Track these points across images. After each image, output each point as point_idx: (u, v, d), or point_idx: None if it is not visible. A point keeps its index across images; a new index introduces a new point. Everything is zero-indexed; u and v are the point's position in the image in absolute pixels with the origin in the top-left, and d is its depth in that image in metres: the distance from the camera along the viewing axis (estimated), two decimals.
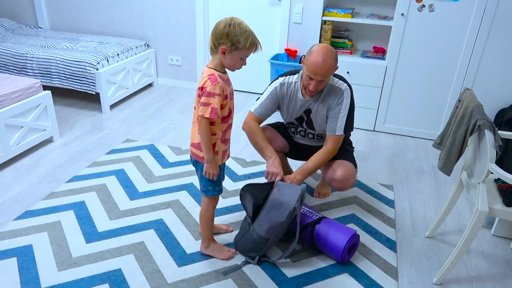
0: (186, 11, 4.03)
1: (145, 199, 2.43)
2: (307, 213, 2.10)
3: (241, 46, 1.62)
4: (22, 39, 3.95)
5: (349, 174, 2.20)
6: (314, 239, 2.02)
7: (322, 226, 2.00)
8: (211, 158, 1.74)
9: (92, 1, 4.28)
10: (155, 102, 3.96)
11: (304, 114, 2.21)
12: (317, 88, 2.02)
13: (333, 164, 2.25)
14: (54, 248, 2.01)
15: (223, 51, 1.63)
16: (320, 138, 2.29)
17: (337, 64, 2.01)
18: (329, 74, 1.97)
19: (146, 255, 2.00)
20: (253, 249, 1.94)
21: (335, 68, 2.01)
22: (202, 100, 1.64)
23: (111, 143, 3.09)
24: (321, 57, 1.93)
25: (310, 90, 2.02)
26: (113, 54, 3.67)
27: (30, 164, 2.77)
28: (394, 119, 3.47)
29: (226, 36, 1.60)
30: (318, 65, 1.93)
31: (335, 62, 1.98)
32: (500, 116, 3.06)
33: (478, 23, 2.96)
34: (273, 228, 1.86)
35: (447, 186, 2.77)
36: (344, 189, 2.24)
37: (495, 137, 1.64)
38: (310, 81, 2.00)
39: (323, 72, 1.94)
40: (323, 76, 1.95)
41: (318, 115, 2.17)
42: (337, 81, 2.14)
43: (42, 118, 2.95)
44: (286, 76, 2.20)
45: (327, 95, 2.13)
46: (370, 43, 3.64)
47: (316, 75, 1.95)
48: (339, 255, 1.93)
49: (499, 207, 1.75)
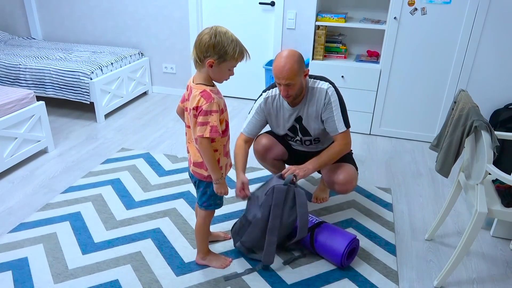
0: (179, 19, 4.03)
1: (142, 208, 2.41)
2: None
3: (229, 57, 1.53)
4: (15, 50, 3.94)
5: (352, 177, 2.19)
6: (314, 244, 2.00)
7: (321, 231, 1.99)
8: (220, 178, 1.69)
9: (85, 11, 4.27)
10: (150, 110, 3.95)
11: (296, 123, 2.19)
12: (287, 92, 2.00)
13: (334, 167, 2.24)
14: (50, 260, 1.98)
15: (210, 64, 1.54)
16: (318, 142, 2.28)
17: (303, 67, 1.99)
18: (295, 76, 1.94)
19: (143, 265, 1.97)
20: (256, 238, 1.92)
21: (303, 70, 1.99)
22: (199, 120, 1.55)
23: (107, 153, 3.07)
24: (282, 61, 1.93)
25: (283, 96, 2.03)
26: (107, 63, 3.66)
27: (24, 175, 2.74)
28: (390, 122, 3.47)
29: (212, 48, 1.51)
30: (280, 68, 1.93)
31: (299, 64, 1.95)
32: (495, 117, 3.08)
33: (470, 24, 2.98)
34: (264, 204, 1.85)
35: (444, 188, 2.77)
36: (347, 192, 2.22)
37: (492, 138, 1.64)
38: (280, 86, 2.00)
39: (285, 75, 1.92)
40: (287, 79, 1.93)
41: (310, 119, 2.15)
42: (318, 82, 2.11)
43: (36, 129, 2.92)
44: (269, 90, 2.19)
45: (312, 97, 2.11)
46: (363, 47, 3.66)
47: (280, 79, 1.95)
48: (339, 260, 1.92)
49: (497, 208, 1.75)
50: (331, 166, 2.26)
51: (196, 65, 1.59)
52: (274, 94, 2.18)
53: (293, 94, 2.03)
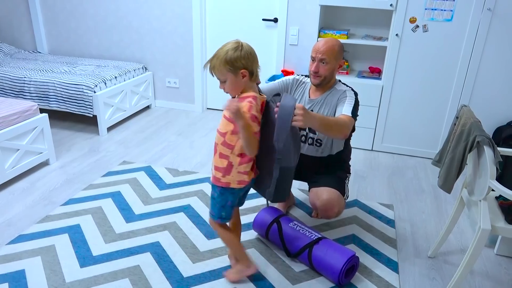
0: (183, 34, 4.08)
1: (142, 222, 2.39)
2: (306, 232, 2.06)
3: None
4: (21, 63, 3.98)
5: (333, 202, 2.08)
6: (312, 260, 1.97)
7: (320, 247, 1.96)
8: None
9: (91, 26, 4.33)
10: (152, 124, 3.96)
11: None
12: (319, 69, 2.05)
13: (318, 189, 2.15)
14: (47, 273, 1.95)
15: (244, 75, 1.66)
16: (319, 145, 2.22)
17: (342, 56, 2.09)
18: (332, 56, 2.02)
19: (141, 279, 1.94)
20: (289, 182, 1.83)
21: (340, 58, 2.08)
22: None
23: (108, 165, 3.07)
24: (325, 39, 2.06)
25: (312, 71, 2.07)
26: (111, 77, 3.69)
27: (25, 187, 2.73)
28: (392, 138, 3.46)
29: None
30: (321, 42, 2.04)
31: (339, 49, 2.06)
32: (498, 134, 3.06)
33: (472, 42, 3.00)
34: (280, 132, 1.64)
35: (447, 204, 2.74)
36: (329, 217, 2.15)
37: (495, 153, 1.62)
38: (313, 63, 2.07)
39: (324, 49, 2.01)
40: (324, 53, 2.01)
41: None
42: (344, 86, 2.17)
43: (38, 141, 2.93)
44: (302, 76, 2.30)
45: (330, 97, 2.14)
46: (365, 63, 3.68)
47: (317, 52, 2.03)
48: (336, 277, 1.88)
49: (501, 225, 1.72)
50: (315, 188, 2.15)
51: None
52: (303, 81, 2.26)
53: (323, 74, 2.07)
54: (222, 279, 1.96)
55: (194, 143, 3.54)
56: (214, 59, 1.64)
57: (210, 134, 3.73)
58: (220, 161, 1.72)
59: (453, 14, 2.97)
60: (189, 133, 3.76)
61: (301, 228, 2.09)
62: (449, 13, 2.97)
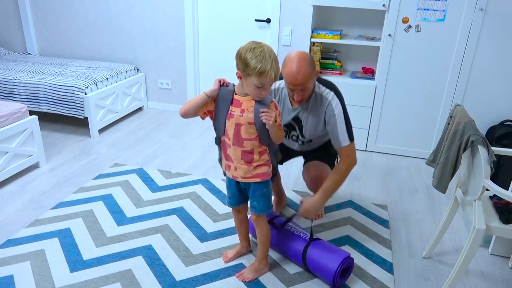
0: (176, 35, 4.04)
1: (133, 225, 2.35)
2: (300, 233, 2.04)
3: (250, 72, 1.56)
4: (10, 65, 3.92)
5: (323, 175, 2.15)
6: (306, 262, 1.95)
7: (315, 248, 1.94)
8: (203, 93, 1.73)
9: (82, 27, 4.29)
10: (144, 126, 3.92)
11: (293, 122, 2.13)
12: (302, 96, 1.94)
13: (310, 163, 2.25)
14: (36, 278, 1.91)
15: (238, 76, 1.64)
16: (309, 142, 2.20)
17: (316, 69, 1.92)
18: (309, 81, 1.88)
19: (133, 283, 1.91)
20: None
21: (316, 73, 1.93)
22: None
23: (99, 168, 3.03)
24: (295, 66, 1.83)
25: (297, 100, 1.96)
26: (102, 78, 3.65)
27: (14, 190, 2.68)
28: (386, 138, 3.46)
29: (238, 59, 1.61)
30: (294, 75, 1.84)
31: (312, 67, 1.88)
32: (491, 134, 3.07)
33: (464, 42, 3.00)
34: None
35: (441, 205, 2.74)
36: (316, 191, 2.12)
37: (489, 153, 1.62)
38: (293, 92, 1.93)
39: (301, 81, 1.85)
40: (302, 84, 1.86)
41: (307, 124, 2.09)
42: (324, 89, 2.02)
43: (28, 143, 2.88)
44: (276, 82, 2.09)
45: (314, 105, 2.04)
46: (359, 63, 3.67)
47: (295, 86, 1.87)
48: (331, 279, 1.86)
49: (496, 225, 1.72)
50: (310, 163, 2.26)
51: None
52: (278, 87, 2.10)
53: (307, 96, 1.98)
54: (216, 282, 1.94)
55: (186, 144, 3.51)
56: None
57: (202, 136, 3.70)
58: (261, 158, 1.78)
59: (445, 14, 2.97)
60: (182, 134, 3.73)
61: (295, 230, 2.07)
62: (441, 13, 2.97)
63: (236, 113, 1.69)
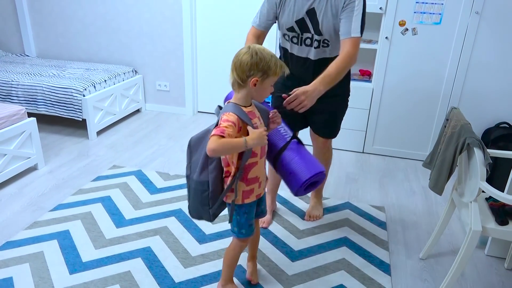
0: (174, 37, 4.06)
1: (132, 227, 2.36)
2: (281, 129, 1.86)
3: (272, 72, 1.50)
4: (8, 67, 3.92)
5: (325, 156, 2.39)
6: (277, 162, 1.80)
7: (290, 151, 1.78)
8: (245, 142, 1.47)
9: (80, 29, 4.29)
10: (143, 127, 3.93)
11: (307, 16, 1.95)
12: None
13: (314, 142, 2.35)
14: (35, 280, 1.92)
15: (254, 83, 1.50)
16: (325, 46, 2.02)
17: None
18: None
19: (132, 285, 1.92)
20: (200, 203, 1.65)
21: None
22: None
23: (98, 170, 3.03)
24: None
25: None
26: (100, 80, 3.66)
27: (13, 192, 2.68)
28: (383, 140, 3.48)
29: (255, 65, 1.47)
30: None
31: None
32: (487, 135, 3.10)
33: (460, 45, 3.03)
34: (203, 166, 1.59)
35: (438, 206, 2.76)
36: None
37: (485, 155, 1.64)
38: None
39: None
40: None
41: (325, 17, 1.92)
42: None
43: (26, 145, 2.88)
44: None
45: None
46: (356, 66, 3.69)
47: None
48: (294, 188, 1.74)
49: (492, 226, 1.74)
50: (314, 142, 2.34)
51: (236, 87, 1.54)
52: None
53: None
54: (214, 283, 1.94)
55: (185, 146, 3.52)
56: None
57: None
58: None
59: (441, 17, 3.00)
60: (180, 136, 3.74)
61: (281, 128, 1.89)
62: (437, 17, 3.00)
63: (258, 123, 1.59)
